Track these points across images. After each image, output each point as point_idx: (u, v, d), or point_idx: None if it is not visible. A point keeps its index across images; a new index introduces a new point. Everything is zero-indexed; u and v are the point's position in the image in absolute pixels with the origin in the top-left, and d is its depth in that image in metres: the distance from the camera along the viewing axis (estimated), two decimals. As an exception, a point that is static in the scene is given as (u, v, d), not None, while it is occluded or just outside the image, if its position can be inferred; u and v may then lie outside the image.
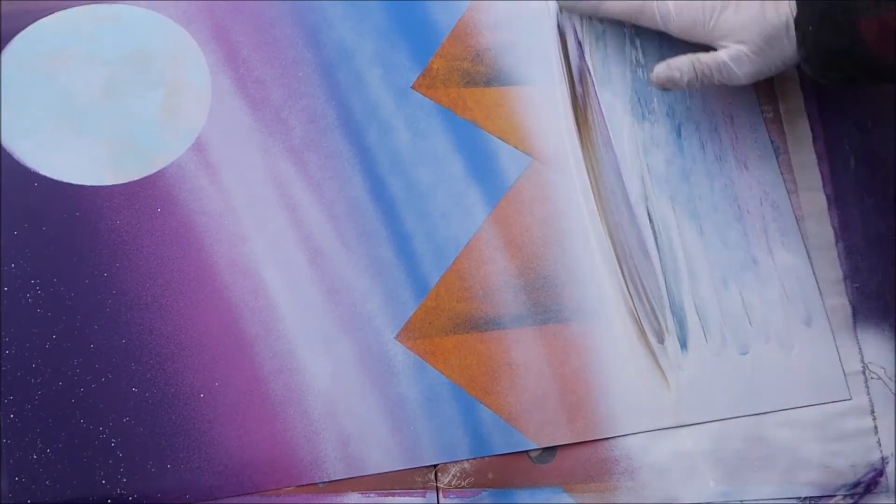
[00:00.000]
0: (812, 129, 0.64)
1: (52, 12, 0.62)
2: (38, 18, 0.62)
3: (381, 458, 0.56)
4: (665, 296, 0.60)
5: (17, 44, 0.61)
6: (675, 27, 0.60)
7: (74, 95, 0.61)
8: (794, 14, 0.56)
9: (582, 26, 0.65)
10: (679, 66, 0.59)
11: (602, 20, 0.65)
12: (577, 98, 0.64)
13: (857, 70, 0.56)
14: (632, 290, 0.60)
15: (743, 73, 0.58)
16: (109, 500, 0.54)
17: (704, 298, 0.60)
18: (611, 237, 0.61)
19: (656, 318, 0.60)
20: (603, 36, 0.65)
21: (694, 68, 0.59)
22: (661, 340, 0.59)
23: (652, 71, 0.60)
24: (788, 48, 0.57)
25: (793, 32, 0.56)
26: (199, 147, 0.61)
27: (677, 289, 0.60)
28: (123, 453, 0.54)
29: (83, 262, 0.57)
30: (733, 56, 0.58)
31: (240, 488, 0.55)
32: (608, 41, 0.65)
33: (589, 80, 0.64)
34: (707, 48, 0.59)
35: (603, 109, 0.64)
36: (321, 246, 0.59)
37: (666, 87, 0.60)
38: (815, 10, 0.55)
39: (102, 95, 0.61)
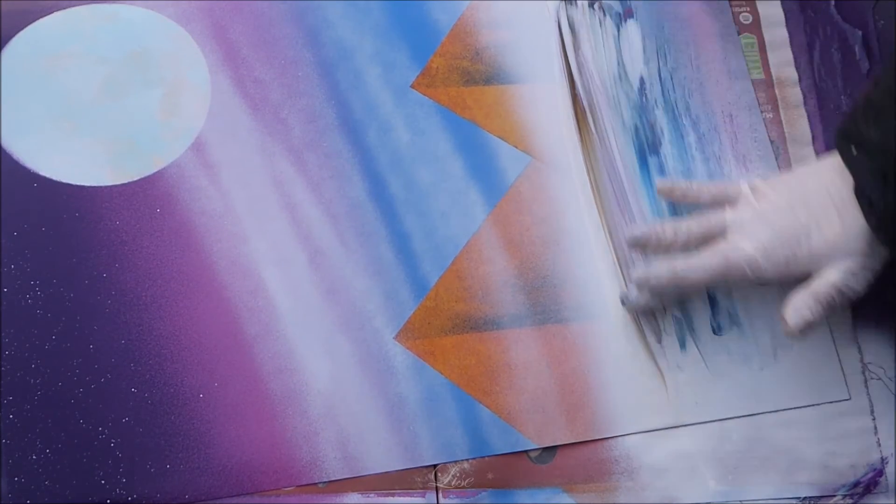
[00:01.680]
0: (812, 129, 0.64)
1: (52, 12, 0.62)
2: (38, 18, 0.62)
3: (381, 457, 0.56)
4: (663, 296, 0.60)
5: (16, 44, 0.61)
6: (770, 274, 0.55)
7: (74, 95, 0.61)
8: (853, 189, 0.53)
9: (580, 23, 0.65)
10: (807, 306, 0.54)
11: None
12: (577, 97, 0.64)
13: None
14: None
15: (861, 286, 0.54)
16: (109, 501, 0.54)
17: (702, 298, 0.60)
18: (610, 237, 0.61)
19: (655, 318, 0.60)
20: (601, 28, 0.65)
21: (820, 304, 0.54)
22: (659, 340, 0.59)
23: (785, 323, 0.54)
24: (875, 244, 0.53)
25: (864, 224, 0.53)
26: (198, 147, 0.60)
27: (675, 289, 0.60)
28: (123, 453, 0.54)
29: (83, 263, 0.57)
30: (846, 274, 0.54)
31: (239, 488, 0.54)
32: (606, 34, 0.65)
33: (588, 77, 0.64)
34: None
35: (603, 108, 0.64)
36: (320, 246, 0.59)
37: (806, 333, 0.55)
38: (872, 170, 0.51)
39: (102, 95, 0.61)
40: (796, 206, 0.55)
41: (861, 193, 0.52)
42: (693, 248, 0.57)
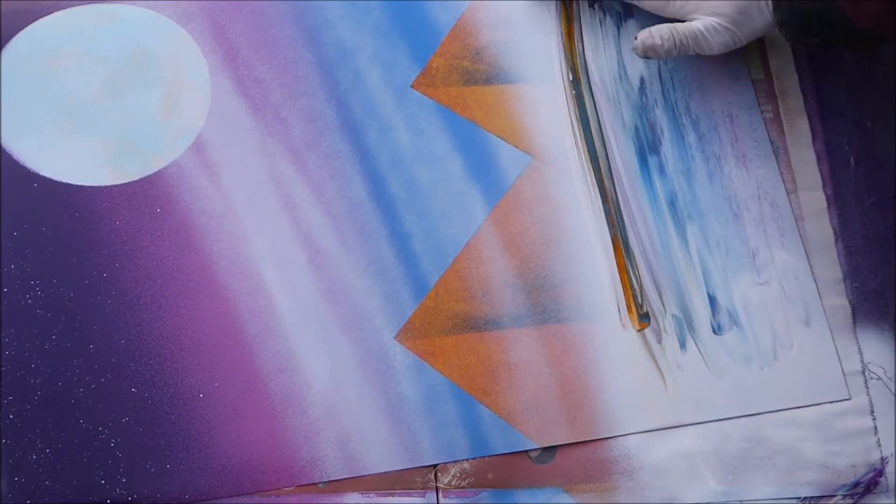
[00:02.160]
0: (812, 129, 0.64)
1: (52, 12, 0.62)
2: (38, 18, 0.62)
3: (381, 457, 0.56)
4: (663, 296, 0.60)
5: (16, 43, 0.61)
6: (648, 5, 0.63)
7: (74, 95, 0.61)
8: None
9: (580, 19, 0.65)
10: (660, 33, 0.60)
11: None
12: (577, 96, 0.64)
13: (832, 34, 0.57)
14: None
15: (717, 43, 0.60)
16: (109, 500, 0.54)
17: (702, 298, 0.60)
18: (610, 237, 0.61)
19: (655, 318, 0.60)
20: (601, 28, 0.65)
21: (673, 37, 0.60)
22: (659, 340, 0.59)
23: (636, 38, 0.61)
24: (762, 16, 0.59)
25: (765, 2, 0.58)
26: (198, 147, 0.60)
27: (676, 288, 0.60)
28: (123, 453, 0.54)
29: (83, 263, 0.57)
30: (708, 27, 0.60)
31: (239, 488, 0.55)
32: (606, 34, 0.65)
33: (588, 76, 0.64)
34: None
35: (603, 108, 0.64)
36: (321, 246, 0.59)
37: (647, 55, 0.61)
38: None
39: (102, 95, 0.61)
40: None
41: None
42: None
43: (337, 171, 0.61)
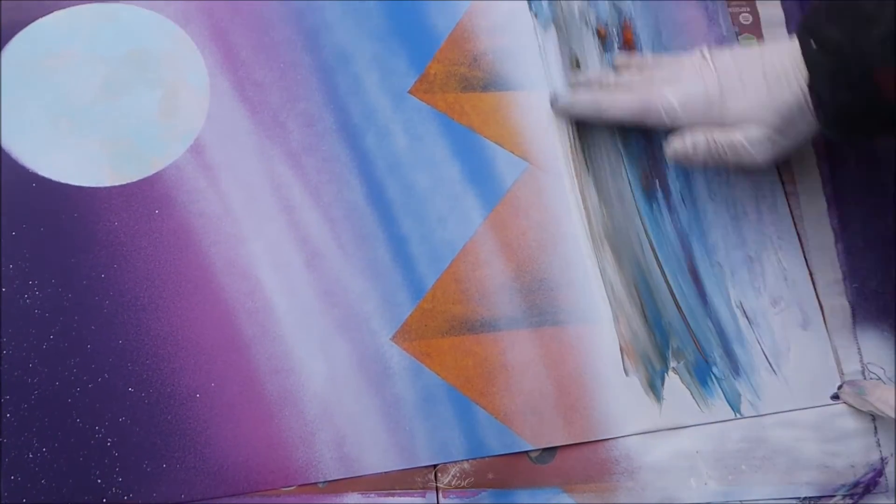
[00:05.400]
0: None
1: (52, 12, 0.63)
2: (38, 18, 0.62)
3: (377, 458, 0.56)
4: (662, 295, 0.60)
5: (16, 44, 0.62)
6: (686, 122, 0.58)
7: (73, 95, 0.61)
8: (807, 81, 0.54)
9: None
10: (694, 141, 0.58)
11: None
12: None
13: (880, 125, 0.54)
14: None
15: (760, 154, 0.56)
16: (105, 500, 0.54)
17: (702, 299, 0.60)
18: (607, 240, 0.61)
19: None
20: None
21: (709, 147, 0.57)
22: (656, 343, 0.59)
23: (667, 141, 0.59)
24: (805, 119, 0.55)
25: (807, 104, 0.54)
26: (197, 149, 0.61)
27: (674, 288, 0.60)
28: (119, 453, 0.54)
29: (81, 264, 0.58)
30: (750, 138, 0.56)
31: (235, 488, 0.54)
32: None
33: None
34: None
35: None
36: (318, 248, 0.60)
37: (680, 162, 0.59)
38: (828, 70, 0.52)
39: (101, 95, 0.61)
40: (731, 71, 0.57)
41: (813, 88, 0.54)
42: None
43: (335, 174, 0.61)
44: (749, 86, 0.56)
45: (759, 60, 0.56)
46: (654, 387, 0.58)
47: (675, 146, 0.59)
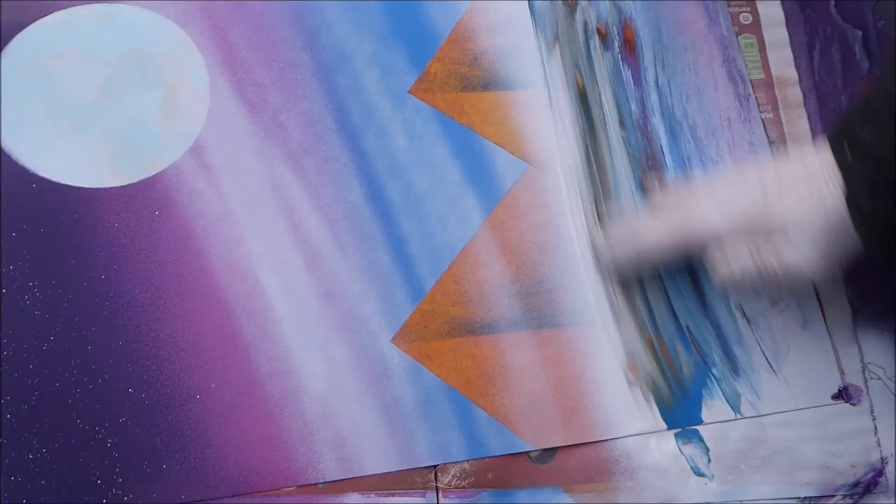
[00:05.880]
0: (812, 129, 0.64)
1: (52, 12, 0.62)
2: (38, 18, 0.62)
3: (377, 459, 0.56)
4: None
5: (16, 44, 0.62)
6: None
7: (73, 95, 0.61)
8: (843, 190, 0.50)
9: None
10: (741, 266, 0.54)
11: None
12: (574, 103, 0.64)
13: None
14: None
15: (809, 273, 0.53)
16: (105, 501, 0.54)
17: (701, 300, 0.60)
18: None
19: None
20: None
21: (758, 271, 0.54)
22: (656, 345, 0.59)
23: (714, 270, 0.55)
24: (848, 235, 0.51)
25: (847, 222, 0.50)
26: (197, 150, 0.61)
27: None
28: (119, 454, 0.54)
29: (81, 264, 0.57)
30: (800, 258, 0.52)
31: (235, 489, 0.54)
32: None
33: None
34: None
35: (599, 113, 0.64)
36: (318, 249, 0.60)
37: (726, 287, 0.57)
38: (865, 180, 0.49)
39: (101, 96, 0.61)
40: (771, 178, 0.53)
41: (851, 198, 0.50)
42: None
43: (335, 175, 0.61)
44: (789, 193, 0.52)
45: (801, 172, 0.52)
46: (655, 388, 0.58)
47: (721, 273, 0.55)
